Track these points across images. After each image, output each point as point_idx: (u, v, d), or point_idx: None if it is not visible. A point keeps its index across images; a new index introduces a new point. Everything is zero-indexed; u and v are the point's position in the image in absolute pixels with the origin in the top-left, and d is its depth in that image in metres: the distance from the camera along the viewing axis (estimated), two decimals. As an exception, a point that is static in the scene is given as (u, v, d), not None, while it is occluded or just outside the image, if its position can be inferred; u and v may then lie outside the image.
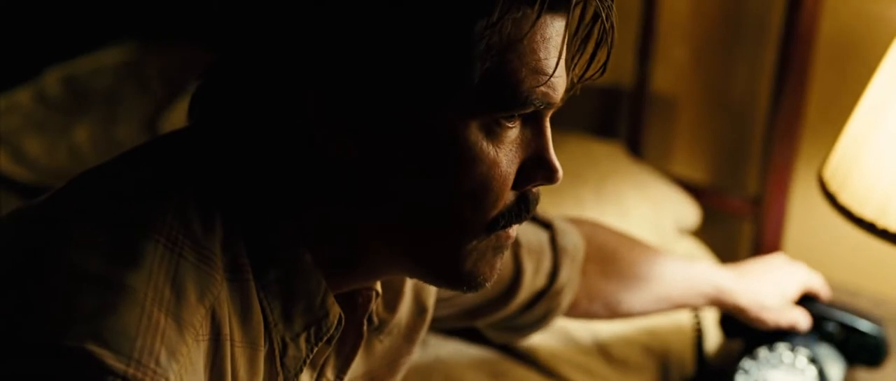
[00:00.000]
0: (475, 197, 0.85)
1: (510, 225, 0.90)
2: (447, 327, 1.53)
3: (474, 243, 0.89)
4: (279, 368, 0.92)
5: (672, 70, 2.20)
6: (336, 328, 0.93)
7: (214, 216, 0.85)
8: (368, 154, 0.84)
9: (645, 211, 2.02)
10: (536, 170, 0.89)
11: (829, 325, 1.64)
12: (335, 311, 0.93)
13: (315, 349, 0.94)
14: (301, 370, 0.94)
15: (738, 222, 2.22)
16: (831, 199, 1.39)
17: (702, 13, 2.13)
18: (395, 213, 0.87)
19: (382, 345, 1.11)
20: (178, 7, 2.76)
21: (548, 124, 0.90)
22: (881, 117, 1.34)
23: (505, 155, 0.86)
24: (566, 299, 1.37)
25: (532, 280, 1.31)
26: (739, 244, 2.24)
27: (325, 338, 0.93)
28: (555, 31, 0.84)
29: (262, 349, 0.89)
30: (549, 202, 1.89)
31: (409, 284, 1.12)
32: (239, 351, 0.86)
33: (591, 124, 2.32)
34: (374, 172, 0.85)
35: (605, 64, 0.90)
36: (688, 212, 2.12)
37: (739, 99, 2.15)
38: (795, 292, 1.56)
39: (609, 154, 2.14)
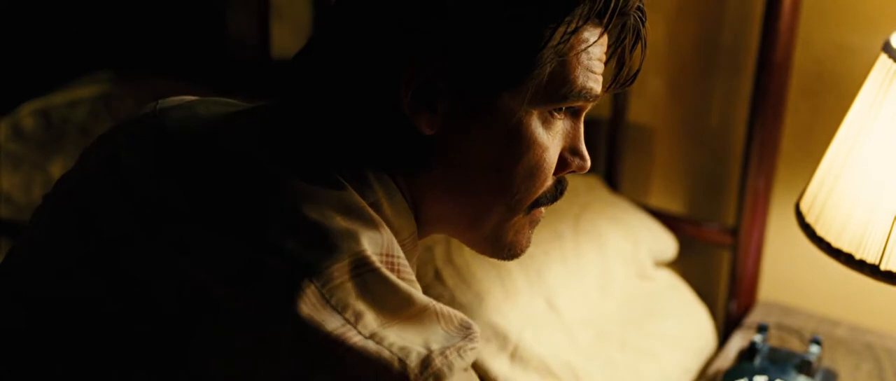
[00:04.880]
0: (529, 177, 0.99)
1: (547, 204, 1.04)
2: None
3: (519, 216, 1.03)
4: None
5: (648, 102, 2.21)
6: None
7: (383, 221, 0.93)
8: (450, 137, 0.96)
9: (622, 243, 2.02)
10: (572, 158, 1.02)
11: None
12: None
13: None
14: None
15: (716, 252, 2.22)
16: (808, 230, 1.39)
17: (677, 44, 2.14)
18: (463, 183, 0.99)
19: None
20: (151, 40, 2.76)
21: (583, 119, 1.03)
22: (856, 149, 1.34)
23: (553, 143, 0.99)
24: None
25: None
26: (717, 274, 2.24)
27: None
28: (604, 37, 0.99)
29: None
30: (527, 235, 1.89)
31: None
32: None
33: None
34: (452, 152, 0.97)
35: (635, 73, 1.05)
36: (665, 243, 2.12)
37: (715, 129, 2.16)
38: None
39: (587, 187, 2.14)
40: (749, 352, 1.82)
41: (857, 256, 1.31)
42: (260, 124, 0.99)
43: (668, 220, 2.17)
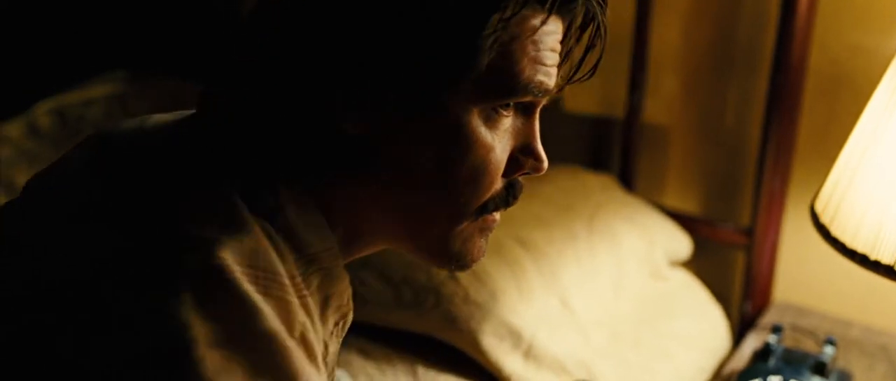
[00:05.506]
0: (472, 180, 0.91)
1: (497, 210, 0.96)
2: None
3: (465, 224, 0.95)
4: (323, 368, 0.93)
5: (663, 101, 2.20)
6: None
7: (267, 233, 0.87)
8: (382, 132, 0.88)
9: (637, 243, 2.02)
10: (525, 158, 0.95)
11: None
12: (352, 303, 0.97)
13: (340, 342, 0.98)
14: (335, 366, 0.98)
15: (731, 252, 2.22)
16: (823, 231, 1.39)
17: (693, 44, 2.14)
18: (401, 190, 0.91)
19: None
20: (165, 40, 2.76)
21: (537, 116, 0.95)
22: (871, 150, 1.34)
23: (499, 142, 0.91)
24: None
25: None
26: (732, 275, 2.24)
27: (346, 328, 0.97)
28: (554, 26, 0.91)
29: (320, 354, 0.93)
30: (542, 235, 1.89)
31: None
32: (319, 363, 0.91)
33: (584, 156, 2.33)
34: (385, 153, 0.89)
35: (595, 65, 0.97)
36: (680, 243, 2.12)
37: (731, 130, 2.15)
38: None
39: (601, 186, 2.14)
40: (763, 353, 1.82)
41: (872, 256, 1.31)
42: (179, 133, 0.93)
43: (682, 220, 2.17)
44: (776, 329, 1.86)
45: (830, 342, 1.81)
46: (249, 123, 0.90)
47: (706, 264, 2.23)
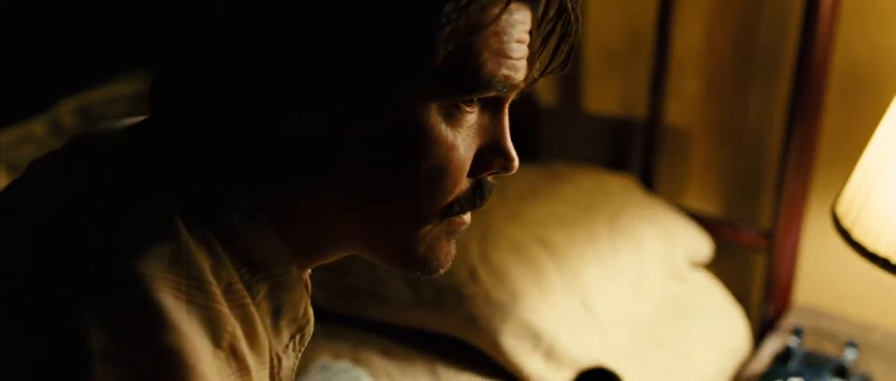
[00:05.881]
0: (432, 181, 0.85)
1: (465, 212, 0.90)
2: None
3: (429, 227, 0.89)
4: None
5: (685, 103, 2.20)
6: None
7: (201, 238, 0.83)
8: (333, 132, 0.83)
9: (657, 244, 2.02)
10: (493, 157, 0.88)
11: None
12: (311, 314, 0.92)
13: (299, 356, 0.94)
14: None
15: (751, 255, 2.21)
16: (845, 234, 1.38)
17: (715, 46, 2.14)
18: (359, 192, 0.86)
19: None
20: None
21: (506, 111, 0.89)
22: (894, 152, 1.33)
23: (463, 140, 0.85)
24: None
25: None
26: (752, 278, 2.24)
27: (306, 342, 0.93)
28: (521, 17, 0.84)
29: (267, 367, 0.89)
30: (563, 236, 1.90)
31: None
32: (257, 376, 0.86)
33: (605, 157, 2.33)
34: (339, 153, 0.84)
35: (567, 57, 0.89)
36: (700, 245, 2.12)
37: (752, 131, 2.15)
38: None
39: (622, 187, 2.14)
40: (784, 356, 1.82)
41: (895, 260, 1.30)
42: (131, 137, 0.90)
43: (703, 222, 2.16)
44: (797, 332, 1.85)
45: (852, 345, 1.80)
46: (193, 124, 0.86)
47: (726, 266, 2.23)
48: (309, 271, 0.97)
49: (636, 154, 2.27)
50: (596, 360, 1.74)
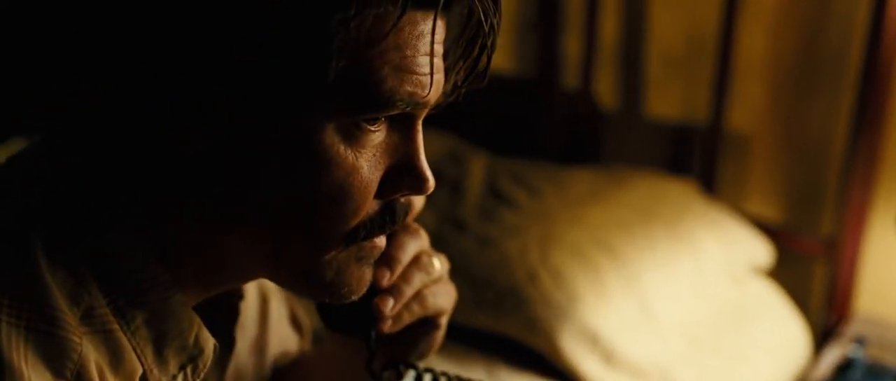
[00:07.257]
0: (332, 205, 0.79)
1: (372, 236, 0.84)
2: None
3: (334, 253, 0.83)
4: None
5: (747, 108, 2.19)
6: (212, 359, 0.87)
7: (63, 263, 0.78)
8: (224, 154, 0.77)
9: (717, 249, 2.01)
10: (404, 178, 0.82)
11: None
12: (210, 344, 0.86)
13: None
14: None
15: (812, 263, 2.20)
16: (910, 242, 1.37)
17: (779, 51, 2.12)
18: (254, 217, 0.80)
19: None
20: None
21: (419, 129, 0.82)
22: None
23: (366, 161, 0.79)
24: None
25: None
26: (812, 285, 2.22)
27: (202, 373, 0.87)
28: (427, 28, 0.77)
29: None
30: (623, 239, 1.90)
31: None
32: None
33: (665, 162, 2.32)
34: (230, 173, 0.78)
35: (485, 70, 0.83)
36: (760, 251, 2.10)
37: (815, 138, 2.13)
38: None
39: (682, 191, 2.13)
40: (846, 366, 1.80)
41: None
42: (14, 159, 0.85)
43: (763, 229, 2.15)
44: (859, 342, 1.84)
45: (916, 355, 1.79)
46: (72, 142, 0.80)
47: (786, 274, 2.21)
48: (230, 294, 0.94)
49: (697, 159, 2.27)
50: (654, 363, 1.74)
